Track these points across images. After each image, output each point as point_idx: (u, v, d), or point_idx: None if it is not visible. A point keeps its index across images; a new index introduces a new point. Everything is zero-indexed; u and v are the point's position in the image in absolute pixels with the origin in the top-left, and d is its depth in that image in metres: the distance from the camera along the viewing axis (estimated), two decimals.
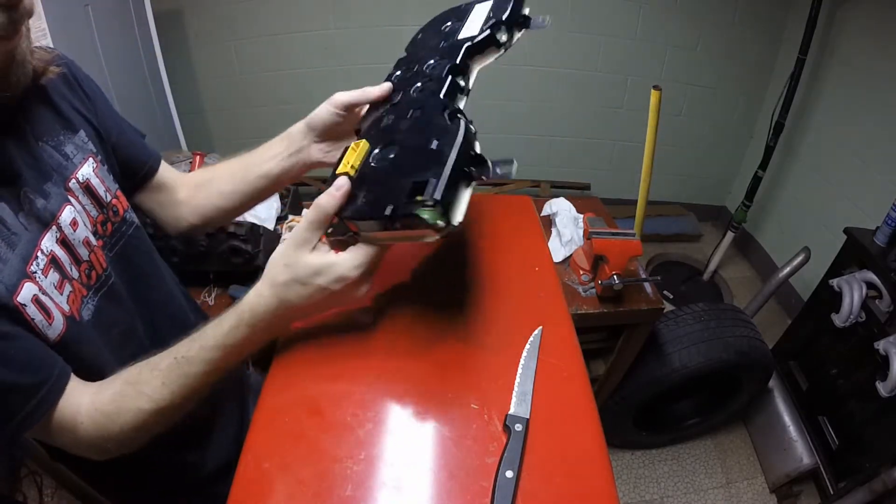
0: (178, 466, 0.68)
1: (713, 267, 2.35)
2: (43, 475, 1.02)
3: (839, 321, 1.44)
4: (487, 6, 0.61)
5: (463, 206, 0.42)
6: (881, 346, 1.29)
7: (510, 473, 0.44)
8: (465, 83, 0.53)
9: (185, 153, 1.46)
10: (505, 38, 0.57)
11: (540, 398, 0.51)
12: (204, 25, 2.11)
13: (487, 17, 0.59)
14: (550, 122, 2.43)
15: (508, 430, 0.47)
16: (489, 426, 0.49)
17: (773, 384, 1.70)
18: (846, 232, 1.53)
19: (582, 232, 1.27)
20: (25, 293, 0.45)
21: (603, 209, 1.49)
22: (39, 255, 0.47)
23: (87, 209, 0.55)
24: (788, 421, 1.62)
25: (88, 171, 0.56)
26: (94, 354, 0.52)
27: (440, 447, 0.47)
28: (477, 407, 0.50)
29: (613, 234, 1.16)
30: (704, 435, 1.79)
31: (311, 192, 2.05)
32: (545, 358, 0.55)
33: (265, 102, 2.33)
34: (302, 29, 2.13)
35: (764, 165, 2.10)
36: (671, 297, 2.30)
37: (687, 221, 2.67)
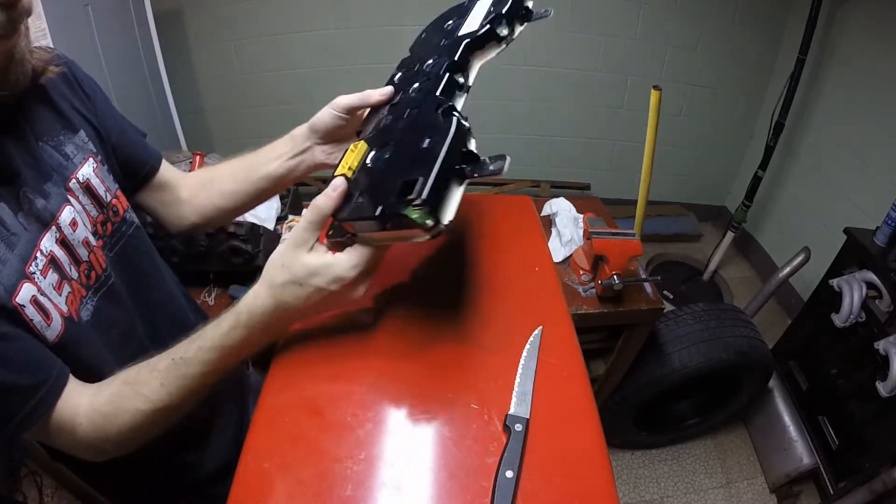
0: (177, 467, 0.68)
1: (713, 267, 2.35)
2: (43, 475, 1.02)
3: (839, 321, 1.44)
4: (489, 1, 0.60)
5: (454, 204, 0.41)
6: (881, 346, 1.29)
7: (510, 473, 0.44)
8: (464, 80, 0.53)
9: (185, 153, 1.46)
10: (506, 31, 0.56)
11: (540, 398, 0.51)
12: (204, 25, 2.11)
13: (488, 11, 0.58)
14: (550, 122, 2.43)
15: (508, 430, 0.47)
16: (489, 426, 0.49)
17: (773, 384, 1.70)
18: (846, 232, 1.53)
19: (582, 232, 1.27)
20: (24, 294, 0.45)
21: (603, 209, 1.49)
22: (38, 255, 0.47)
23: (87, 209, 0.55)
24: (788, 421, 1.62)
25: (88, 171, 0.56)
26: (93, 355, 0.52)
27: (440, 447, 0.47)
28: (477, 407, 0.50)
29: (613, 234, 1.16)
30: (704, 435, 1.79)
31: (311, 191, 2.05)
32: (545, 358, 0.55)
33: (265, 102, 2.33)
34: (302, 29, 2.13)
35: (764, 165, 2.10)
36: (671, 297, 2.30)
37: (687, 221, 2.67)
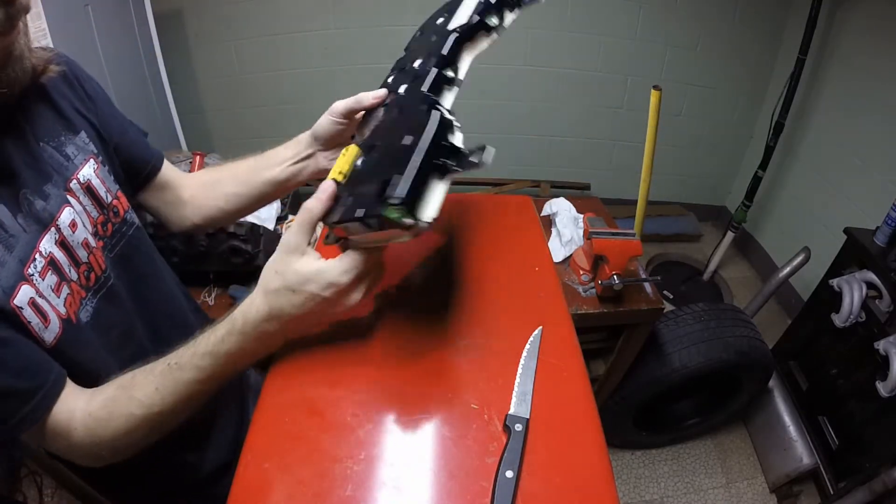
0: (177, 466, 0.68)
1: (713, 267, 2.35)
2: (43, 475, 1.02)
3: (839, 321, 1.44)
4: None
5: (435, 201, 0.40)
6: (881, 346, 1.29)
7: (510, 473, 0.43)
8: (454, 74, 0.52)
9: (185, 153, 1.47)
10: (496, 21, 0.55)
11: (540, 398, 0.51)
12: (204, 25, 2.11)
13: (478, 3, 0.57)
14: (550, 122, 2.43)
15: (508, 430, 0.47)
16: (489, 426, 0.49)
17: (773, 384, 1.70)
18: (846, 232, 1.53)
19: (582, 232, 1.27)
20: (22, 296, 0.44)
21: (603, 209, 1.49)
22: (37, 257, 0.47)
23: (87, 210, 0.55)
24: (788, 421, 1.62)
25: (89, 171, 0.56)
26: (91, 356, 0.52)
27: (440, 447, 0.47)
28: (477, 407, 0.50)
29: (613, 234, 1.16)
30: (704, 435, 1.79)
31: (311, 192, 2.04)
32: (545, 358, 0.55)
33: (265, 102, 2.33)
34: (302, 29, 2.13)
35: (764, 165, 2.10)
36: (671, 297, 2.30)
37: (687, 221, 2.67)
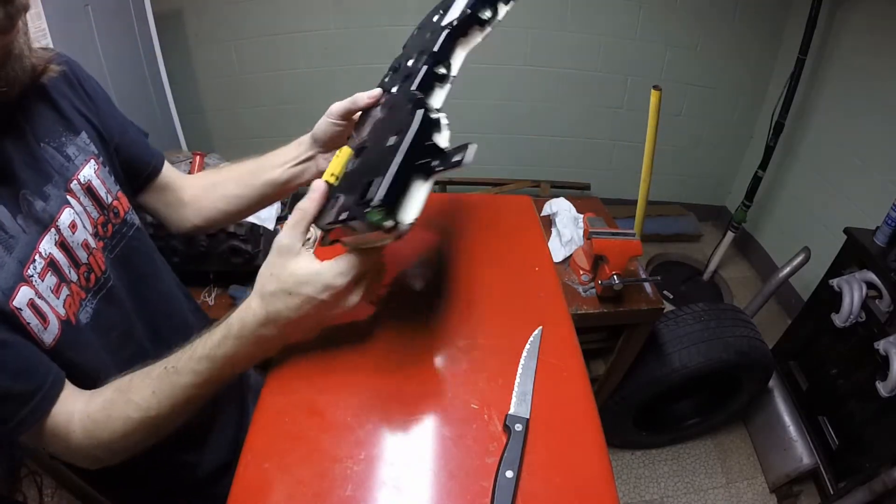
0: (177, 466, 0.68)
1: (713, 267, 2.35)
2: (43, 475, 1.02)
3: (839, 321, 1.44)
4: None
5: (416, 202, 0.39)
6: (881, 346, 1.29)
7: (510, 473, 0.44)
8: (446, 70, 0.51)
9: (185, 153, 1.46)
10: (489, 14, 0.54)
11: (540, 398, 0.51)
12: (204, 25, 2.11)
13: None
14: (550, 122, 2.43)
15: (508, 430, 0.47)
16: (489, 426, 0.49)
17: (773, 384, 1.70)
18: (846, 232, 1.53)
19: (582, 232, 1.27)
20: (21, 297, 0.44)
21: (603, 209, 1.49)
22: (37, 258, 0.47)
23: (87, 210, 0.55)
24: (788, 421, 1.62)
25: (90, 172, 0.56)
26: (91, 358, 0.52)
27: (440, 447, 0.47)
28: (477, 407, 0.50)
29: (613, 234, 1.16)
30: (704, 435, 1.79)
31: None
32: (545, 358, 0.55)
33: (265, 102, 2.33)
34: (302, 29, 2.13)
35: (764, 165, 2.10)
36: (671, 297, 2.30)
37: (687, 221, 2.67)
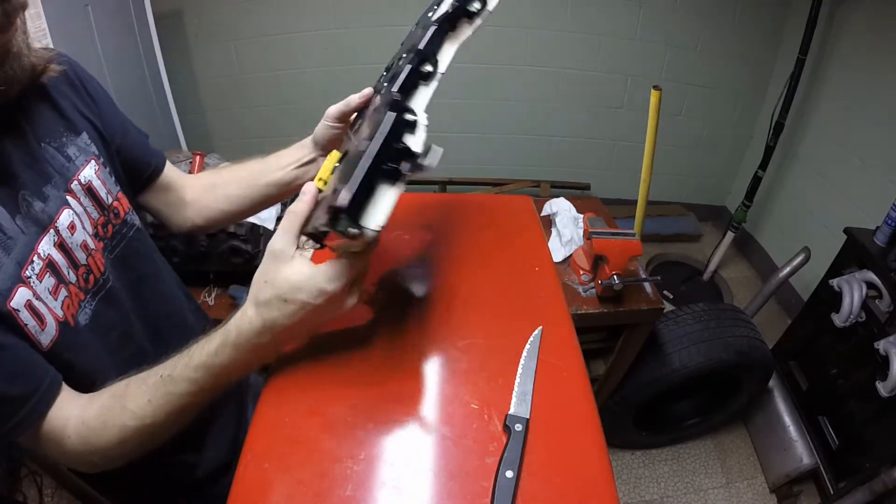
0: (177, 466, 0.68)
1: (713, 267, 2.35)
2: (43, 475, 1.02)
3: (839, 321, 1.44)
4: None
5: (383, 208, 0.38)
6: (881, 346, 1.29)
7: (510, 473, 0.44)
8: (432, 68, 0.50)
9: (185, 153, 1.46)
10: (478, 5, 0.53)
11: (540, 398, 0.51)
12: (204, 25, 2.11)
13: None
14: (550, 122, 2.43)
15: (508, 430, 0.47)
16: (489, 426, 0.49)
17: (773, 384, 1.70)
18: (846, 232, 1.53)
19: (582, 232, 1.27)
20: (19, 298, 0.44)
21: (603, 209, 1.49)
22: (35, 259, 0.47)
23: (87, 211, 0.55)
24: (788, 421, 1.62)
25: (90, 173, 0.56)
26: (89, 359, 0.52)
27: (440, 447, 0.47)
28: (477, 407, 0.50)
29: (613, 234, 1.16)
30: (704, 435, 1.79)
31: None
32: (545, 358, 0.55)
33: (265, 102, 2.33)
34: (302, 29, 2.13)
35: (764, 165, 2.10)
36: (671, 297, 2.30)
37: (687, 221, 2.67)
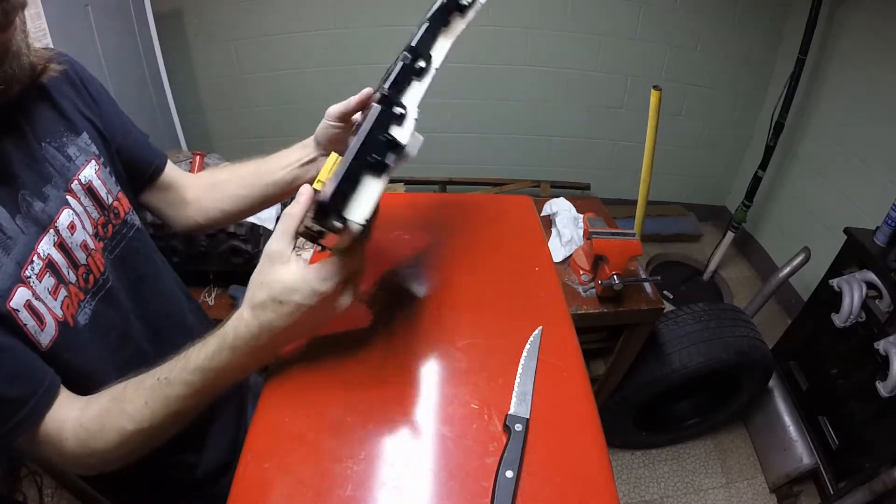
0: (177, 466, 0.68)
1: (713, 267, 2.35)
2: (43, 475, 1.02)
3: (839, 321, 1.44)
4: None
5: (367, 200, 0.37)
6: (881, 346, 1.29)
7: (510, 473, 0.44)
8: (425, 64, 0.50)
9: (185, 153, 1.47)
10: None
11: (540, 398, 0.51)
12: (204, 25, 2.11)
13: None
14: (550, 122, 2.43)
15: (508, 430, 0.47)
16: (489, 426, 0.49)
17: (773, 384, 1.70)
18: (846, 232, 1.53)
19: (582, 232, 1.27)
20: (18, 298, 0.44)
21: (603, 209, 1.49)
22: (35, 259, 0.47)
23: (88, 211, 0.55)
24: (788, 421, 1.62)
25: (91, 173, 0.56)
26: (89, 359, 0.52)
27: (440, 447, 0.47)
28: (477, 407, 0.50)
29: (613, 234, 1.16)
30: (704, 435, 1.79)
31: None
32: (545, 358, 0.55)
33: (265, 102, 2.33)
34: (302, 29, 2.13)
35: (764, 165, 2.10)
36: (671, 297, 2.30)
37: (687, 221, 2.67)
